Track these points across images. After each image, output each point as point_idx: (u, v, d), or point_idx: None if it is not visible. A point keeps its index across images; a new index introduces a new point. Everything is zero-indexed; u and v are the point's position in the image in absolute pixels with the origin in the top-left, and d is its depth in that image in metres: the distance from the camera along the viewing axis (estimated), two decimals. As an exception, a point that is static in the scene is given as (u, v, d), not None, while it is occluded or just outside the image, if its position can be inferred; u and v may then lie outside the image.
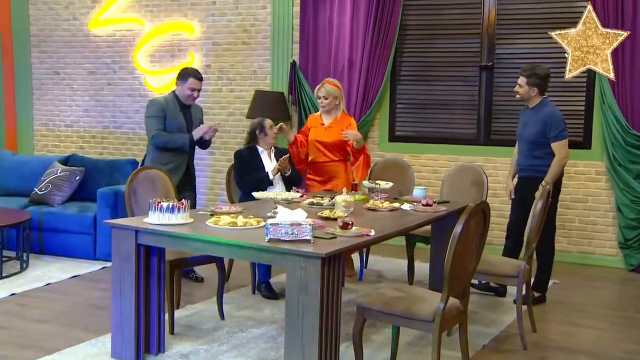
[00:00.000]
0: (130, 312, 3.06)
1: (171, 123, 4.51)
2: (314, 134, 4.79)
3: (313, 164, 4.82)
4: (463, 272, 2.77)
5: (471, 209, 2.65)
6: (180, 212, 3.02)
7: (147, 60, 7.03)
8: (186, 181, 4.61)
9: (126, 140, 7.23)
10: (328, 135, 4.76)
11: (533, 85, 4.23)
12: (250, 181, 4.39)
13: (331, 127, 4.78)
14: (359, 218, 3.40)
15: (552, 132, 4.16)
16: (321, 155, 4.78)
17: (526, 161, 4.29)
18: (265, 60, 6.54)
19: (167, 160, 4.50)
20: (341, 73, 6.06)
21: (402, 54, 6.14)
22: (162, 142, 4.46)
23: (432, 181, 5.98)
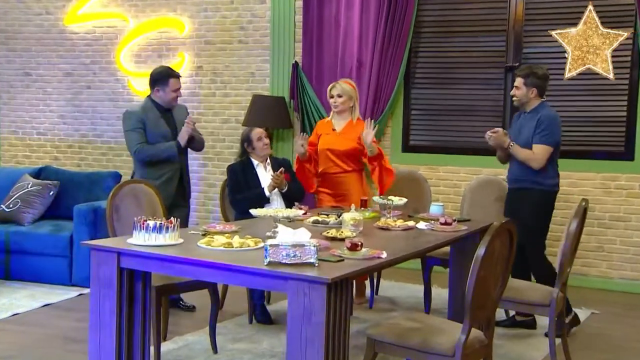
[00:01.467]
0: (111, 346, 3.07)
1: (154, 133, 4.53)
2: (325, 142, 4.80)
3: (324, 175, 4.82)
4: (487, 300, 2.79)
5: (496, 228, 2.67)
6: (169, 232, 3.05)
7: (131, 61, 7.10)
8: (180, 194, 4.66)
9: (107, 150, 7.28)
10: (341, 142, 4.78)
11: (532, 86, 4.29)
12: (244, 199, 4.42)
13: (344, 133, 4.80)
14: (369, 238, 3.41)
15: (539, 132, 4.22)
16: (332, 165, 4.79)
17: (519, 172, 4.33)
18: (264, 61, 6.60)
19: (157, 174, 4.54)
20: (349, 75, 6.10)
21: (418, 54, 6.18)
22: (147, 156, 4.50)
23: (451, 197, 6.00)
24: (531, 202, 4.28)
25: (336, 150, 4.76)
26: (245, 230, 3.52)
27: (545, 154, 4.23)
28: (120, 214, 3.75)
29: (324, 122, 4.98)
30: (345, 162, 4.79)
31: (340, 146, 4.76)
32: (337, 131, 4.82)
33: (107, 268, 3.06)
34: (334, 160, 4.78)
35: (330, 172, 4.79)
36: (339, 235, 3.37)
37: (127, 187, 3.90)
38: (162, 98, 4.57)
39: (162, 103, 4.59)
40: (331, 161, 4.78)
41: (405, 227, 3.78)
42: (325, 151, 4.79)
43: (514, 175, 4.38)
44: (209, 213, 6.84)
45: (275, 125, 6.32)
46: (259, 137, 4.60)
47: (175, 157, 4.57)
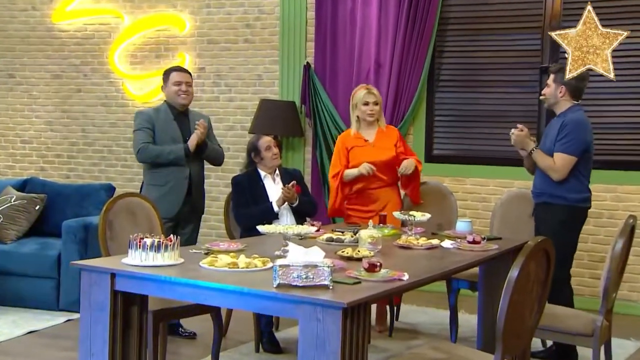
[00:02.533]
0: (104, 376, 3.08)
1: (162, 135, 4.65)
2: (361, 155, 4.80)
3: (362, 192, 4.84)
4: (521, 329, 2.77)
5: (530, 248, 2.66)
6: (168, 251, 3.06)
7: (126, 62, 7.16)
8: (188, 208, 4.70)
9: (99, 160, 7.33)
10: (379, 152, 4.81)
11: (562, 84, 4.19)
12: (250, 215, 4.44)
13: (379, 142, 4.84)
14: (388, 258, 3.41)
15: (561, 139, 4.12)
16: (374, 179, 4.80)
17: (540, 183, 4.27)
18: (273, 62, 6.63)
19: (162, 180, 4.64)
20: (366, 78, 6.12)
21: (442, 55, 6.19)
22: (150, 156, 4.61)
23: (479, 212, 5.98)
24: (552, 219, 4.18)
25: (377, 162, 4.78)
26: (252, 248, 3.52)
27: (566, 164, 4.13)
28: (114, 231, 3.77)
29: (348, 135, 4.93)
30: (387, 174, 4.83)
31: (379, 157, 4.79)
32: (371, 142, 4.85)
33: (100, 291, 3.07)
34: (376, 174, 4.78)
35: (371, 188, 4.81)
36: (355, 254, 3.37)
37: (122, 201, 3.92)
38: (168, 96, 4.74)
39: (171, 102, 4.73)
40: (372, 175, 4.78)
41: (428, 245, 3.77)
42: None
43: (536, 188, 4.32)
44: (211, 230, 6.86)
45: (284, 132, 6.34)
46: (267, 146, 4.62)
47: (181, 160, 4.65)
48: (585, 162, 4.20)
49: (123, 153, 7.16)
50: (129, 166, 7.15)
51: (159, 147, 4.63)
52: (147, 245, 3.04)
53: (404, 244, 3.78)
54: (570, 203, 4.17)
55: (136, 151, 4.64)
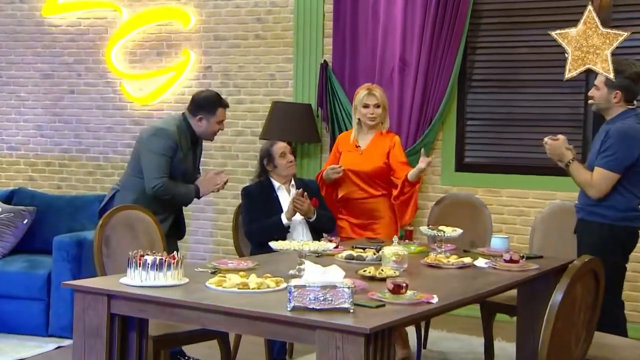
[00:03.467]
0: (99, 409, 3.09)
1: (178, 167, 4.54)
2: (347, 161, 4.87)
3: (346, 201, 4.89)
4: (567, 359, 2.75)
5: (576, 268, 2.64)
6: (171, 270, 3.07)
7: (124, 60, 7.20)
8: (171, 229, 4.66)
9: (94, 168, 7.37)
10: (365, 161, 4.85)
11: (615, 88, 4.10)
12: (261, 230, 4.46)
13: (369, 150, 4.87)
14: (415, 278, 3.41)
15: (603, 152, 4.01)
16: (357, 189, 4.86)
17: (582, 197, 4.18)
18: (286, 60, 6.65)
19: (156, 210, 4.46)
20: (390, 78, 6.13)
21: (475, 51, 6.18)
22: (164, 194, 4.47)
23: (517, 227, 5.95)
24: (589, 238, 4.11)
25: (360, 171, 4.83)
26: (264, 267, 3.53)
27: (605, 181, 4.00)
28: (111, 248, 3.79)
29: (346, 135, 5.05)
30: (372, 185, 4.85)
31: (365, 166, 4.83)
32: (362, 148, 4.89)
33: (95, 314, 3.07)
34: (358, 184, 4.84)
35: (353, 198, 4.86)
36: (378, 274, 3.36)
37: (120, 214, 3.94)
38: (202, 129, 4.60)
39: (198, 133, 4.63)
40: (355, 184, 4.84)
41: (460, 264, 3.76)
42: (348, 172, 4.85)
43: (578, 201, 4.24)
44: (218, 246, 6.87)
45: (299, 138, 6.35)
46: (282, 153, 4.63)
47: (187, 204, 4.67)
48: (632, 176, 4.06)
49: (120, 161, 7.19)
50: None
51: (175, 187, 4.49)
52: (148, 263, 3.05)
53: (432, 263, 3.77)
54: (609, 222, 4.05)
55: (153, 184, 4.42)
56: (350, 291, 2.72)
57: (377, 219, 4.87)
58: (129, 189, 4.58)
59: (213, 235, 6.92)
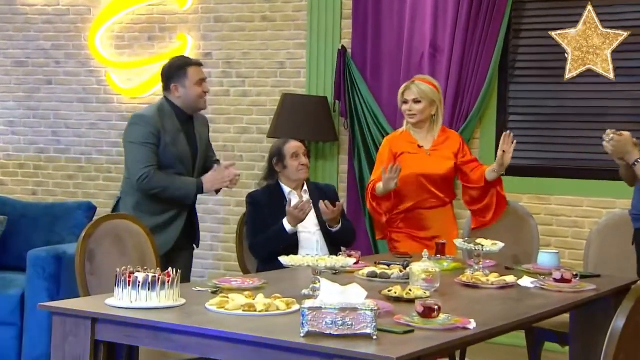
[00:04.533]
0: None
1: (170, 152, 4.57)
2: (412, 164, 4.84)
3: (413, 211, 4.88)
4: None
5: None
6: (166, 289, 3.07)
7: (110, 46, 7.22)
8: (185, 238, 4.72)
9: (76, 171, 7.38)
10: (434, 163, 4.87)
11: None
12: (267, 242, 4.46)
13: (437, 149, 4.89)
14: (449, 300, 3.41)
15: None
16: (429, 197, 4.87)
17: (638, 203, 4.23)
18: (298, 45, 6.65)
19: (160, 209, 4.56)
20: (419, 66, 6.12)
21: (519, 34, 6.15)
22: (156, 189, 4.52)
23: (569, 240, 5.93)
24: None
25: (433, 175, 4.84)
26: (273, 286, 3.53)
27: None
28: (96, 264, 3.80)
29: (398, 135, 5.00)
30: (443, 190, 4.88)
31: (436, 169, 4.85)
32: (427, 149, 4.90)
33: (77, 341, 3.07)
34: (430, 190, 4.84)
35: (425, 207, 4.87)
36: (405, 294, 3.36)
37: (106, 224, 3.94)
38: (184, 98, 4.65)
39: (184, 106, 4.67)
40: (426, 191, 4.84)
41: (502, 284, 3.76)
42: (417, 177, 4.83)
43: (635, 209, 4.27)
44: (219, 261, 6.88)
45: (313, 136, 6.36)
46: (295, 154, 4.65)
47: (189, 201, 4.66)
48: None
49: (106, 162, 7.23)
50: (113, 179, 7.17)
51: (169, 179, 4.54)
52: (139, 281, 3.06)
53: (469, 282, 3.77)
54: None
55: (138, 177, 4.48)
56: (373, 314, 2.71)
57: (445, 230, 4.86)
58: (129, 194, 4.63)
59: (213, 249, 6.93)
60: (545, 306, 3.45)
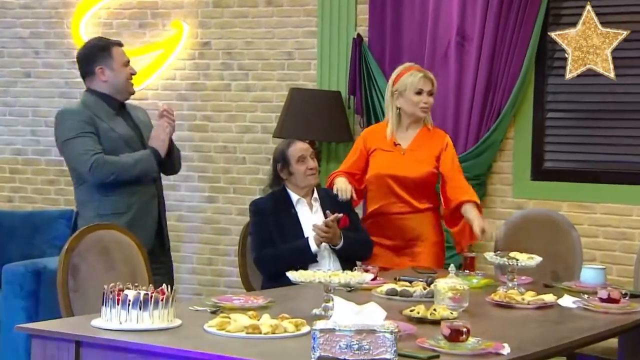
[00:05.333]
0: None
1: (110, 137, 4.66)
2: (383, 163, 4.91)
3: (378, 216, 4.93)
4: None
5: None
6: (159, 308, 3.08)
7: (96, 34, 7.09)
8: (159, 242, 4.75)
9: (57, 175, 7.37)
10: (410, 164, 4.89)
11: None
12: (277, 257, 4.47)
13: (415, 150, 4.92)
14: (480, 321, 3.40)
15: None
16: (396, 201, 4.90)
17: None
18: (308, 34, 6.65)
19: (122, 206, 4.61)
20: (444, 57, 6.11)
21: (559, 20, 6.10)
22: (111, 171, 4.58)
23: (617, 254, 5.90)
24: None
25: (404, 177, 4.87)
26: (280, 305, 3.54)
27: None
28: (81, 279, 3.80)
29: (377, 129, 5.08)
30: (417, 196, 4.90)
31: (408, 171, 4.87)
32: (404, 147, 4.93)
33: (60, 366, 3.09)
34: (399, 194, 4.88)
35: (391, 212, 4.91)
36: (430, 315, 3.36)
37: (92, 235, 3.96)
38: (112, 82, 4.75)
39: (113, 92, 4.76)
40: (394, 195, 4.88)
41: (539, 303, 3.75)
42: (385, 178, 4.88)
43: None
44: (219, 277, 6.89)
45: (325, 136, 6.36)
46: (300, 157, 4.65)
47: (153, 173, 4.70)
48: None
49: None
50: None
51: (119, 160, 4.60)
52: (129, 299, 3.06)
53: (502, 301, 3.76)
54: None
55: (87, 167, 4.54)
56: (394, 337, 2.71)
57: (420, 240, 4.91)
58: (85, 203, 4.71)
59: (212, 263, 6.93)
60: (590, 329, 3.44)
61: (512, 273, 4.06)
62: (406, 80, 4.92)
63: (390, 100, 4.98)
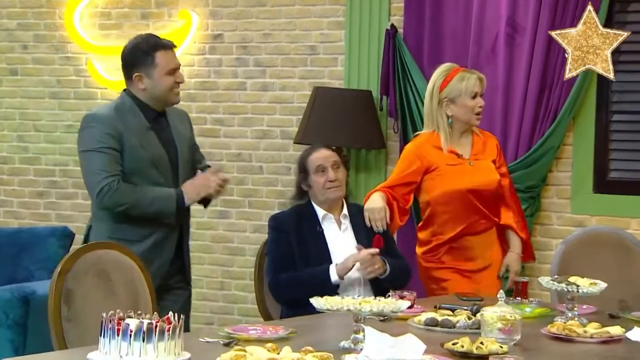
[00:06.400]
0: None
1: (138, 155, 4.64)
2: (454, 178, 4.92)
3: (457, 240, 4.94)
4: None
5: None
6: (165, 340, 3.08)
7: (93, 26, 7.26)
8: (176, 268, 4.76)
9: (48, 187, 7.41)
10: (481, 175, 4.95)
11: None
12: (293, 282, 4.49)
13: (477, 158, 4.97)
14: (534, 356, 3.40)
15: None
16: (478, 218, 4.95)
17: None
18: (334, 25, 6.66)
19: (140, 234, 4.61)
20: (491, 52, 6.12)
21: (626, 7, 6.11)
22: (123, 205, 4.58)
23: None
24: None
25: (483, 190, 4.91)
26: (303, 336, 3.54)
27: None
28: (76, 307, 3.82)
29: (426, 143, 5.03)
30: (494, 209, 4.96)
31: (485, 183, 4.92)
32: (468, 157, 4.97)
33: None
34: (481, 210, 4.91)
35: (477, 232, 4.94)
36: (476, 349, 3.35)
37: (88, 256, 3.97)
38: (151, 91, 4.70)
39: (151, 101, 4.72)
40: (476, 211, 4.91)
41: (604, 337, 3.72)
42: (466, 195, 4.89)
43: None
44: (232, 304, 6.90)
45: (354, 142, 6.36)
46: (319, 167, 4.66)
47: (168, 217, 4.66)
48: None
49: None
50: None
51: (136, 190, 4.59)
52: (131, 330, 3.07)
53: (560, 333, 3.74)
54: None
55: (97, 191, 4.55)
56: (435, 374, 2.72)
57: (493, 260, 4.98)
58: (101, 218, 4.69)
59: (224, 288, 6.94)
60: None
61: (572, 301, 4.05)
62: (458, 85, 4.92)
63: (439, 109, 4.97)
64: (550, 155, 6.03)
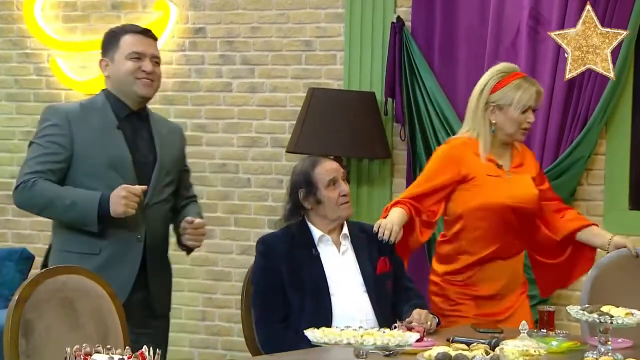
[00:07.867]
0: None
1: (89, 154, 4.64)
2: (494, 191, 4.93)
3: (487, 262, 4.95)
4: None
5: None
6: (138, 378, 3.09)
7: (56, 18, 7.31)
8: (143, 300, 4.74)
9: (4, 202, 7.42)
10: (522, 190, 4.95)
11: None
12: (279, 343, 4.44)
13: (517, 172, 4.98)
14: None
15: None
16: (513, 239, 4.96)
17: None
18: (333, 17, 6.69)
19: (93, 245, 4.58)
20: (512, 48, 6.17)
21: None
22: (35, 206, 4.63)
23: None
24: None
25: (524, 208, 4.92)
26: (297, 375, 3.55)
27: None
28: (36, 341, 3.82)
29: (464, 147, 5.01)
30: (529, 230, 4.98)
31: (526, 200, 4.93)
32: (508, 169, 4.99)
33: None
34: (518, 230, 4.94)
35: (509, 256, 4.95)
36: (496, 390, 3.37)
37: (50, 282, 3.97)
38: (114, 78, 4.78)
39: (119, 94, 4.77)
40: (513, 231, 4.93)
41: (641, 375, 3.75)
42: (507, 212, 4.89)
43: None
44: (216, 336, 6.90)
45: (355, 152, 6.37)
46: (332, 180, 4.64)
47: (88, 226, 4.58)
48: None
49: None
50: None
51: (56, 190, 4.58)
52: (100, 367, 3.08)
53: (592, 372, 3.76)
54: None
55: (15, 186, 4.63)
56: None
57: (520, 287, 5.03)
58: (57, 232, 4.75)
59: (207, 318, 6.95)
60: None
61: (605, 334, 4.03)
62: (512, 93, 4.90)
63: (484, 113, 4.96)
64: (580, 166, 6.08)
